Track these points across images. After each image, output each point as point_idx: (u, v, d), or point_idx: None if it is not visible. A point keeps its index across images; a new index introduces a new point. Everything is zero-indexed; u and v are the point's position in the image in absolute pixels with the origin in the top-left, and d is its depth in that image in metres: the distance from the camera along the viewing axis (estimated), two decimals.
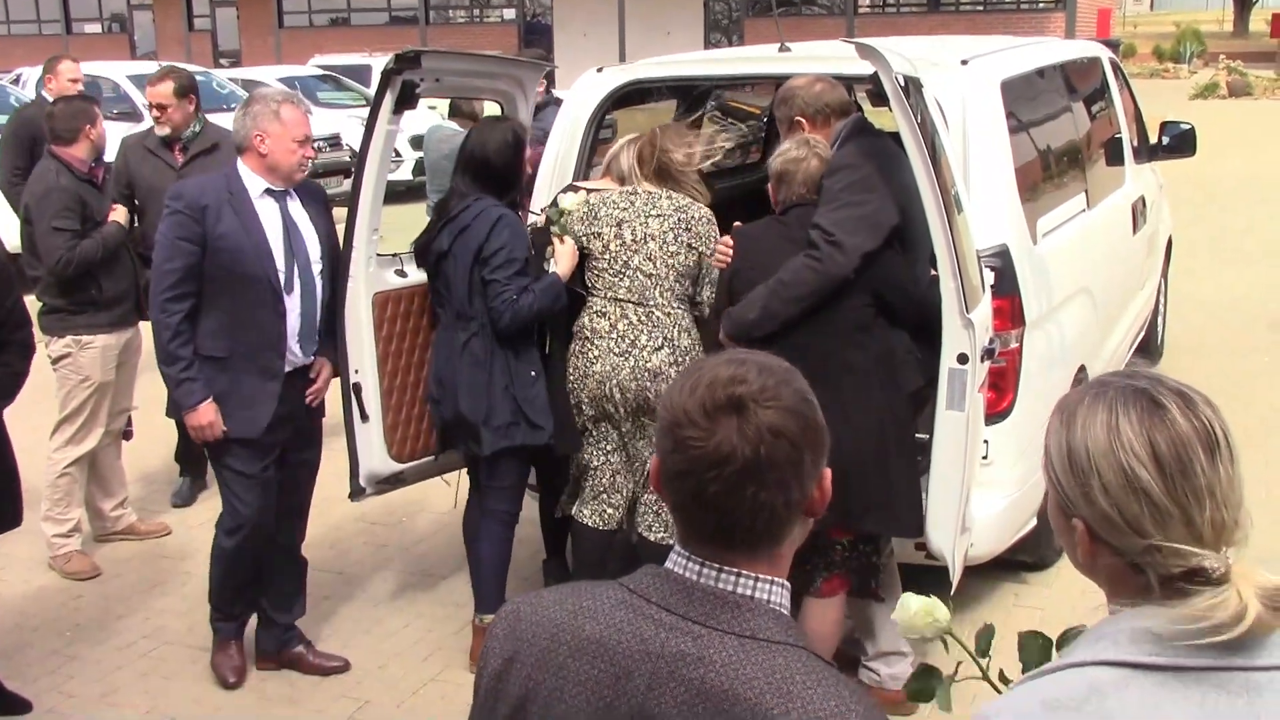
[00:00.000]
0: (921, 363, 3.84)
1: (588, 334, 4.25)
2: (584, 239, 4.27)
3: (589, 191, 4.45)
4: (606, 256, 4.23)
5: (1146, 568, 1.37)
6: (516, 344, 4.24)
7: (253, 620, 4.48)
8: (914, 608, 1.80)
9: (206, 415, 4.07)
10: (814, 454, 1.44)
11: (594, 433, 4.32)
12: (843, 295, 3.73)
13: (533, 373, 4.27)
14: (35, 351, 4.17)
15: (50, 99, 7.15)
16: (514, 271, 4.16)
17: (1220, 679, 1.32)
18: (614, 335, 4.20)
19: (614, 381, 4.18)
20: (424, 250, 4.34)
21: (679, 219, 4.22)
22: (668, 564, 1.47)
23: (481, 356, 4.22)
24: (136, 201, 5.61)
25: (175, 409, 4.22)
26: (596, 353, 4.21)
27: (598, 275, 4.26)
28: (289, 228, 4.15)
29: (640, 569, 1.51)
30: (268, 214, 4.12)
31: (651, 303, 4.20)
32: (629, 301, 4.21)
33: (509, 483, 4.39)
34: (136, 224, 5.61)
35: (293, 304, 4.14)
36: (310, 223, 4.22)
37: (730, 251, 4.08)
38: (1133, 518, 1.37)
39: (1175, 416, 1.37)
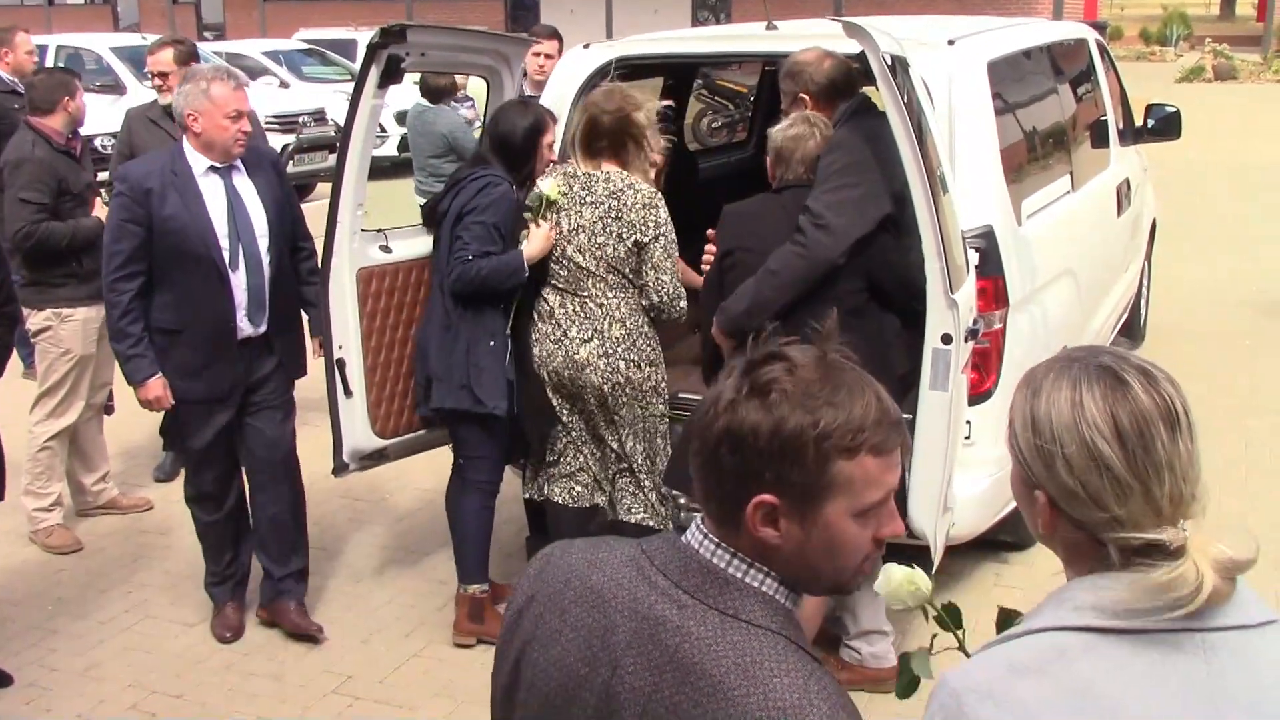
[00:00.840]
0: (910, 347, 3.84)
1: (535, 317, 4.26)
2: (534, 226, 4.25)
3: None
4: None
5: (1106, 539, 1.42)
6: (480, 310, 4.22)
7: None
8: (897, 578, 1.82)
9: (154, 390, 4.22)
10: (765, 468, 1.39)
11: (555, 412, 4.32)
12: (835, 279, 3.72)
13: (491, 342, 4.24)
14: (22, 324, 4.22)
15: (5, 76, 7.08)
16: (479, 234, 4.15)
17: (1178, 640, 1.38)
18: (552, 322, 4.20)
19: (549, 367, 4.20)
20: (433, 212, 4.40)
21: (610, 207, 4.09)
22: (685, 534, 1.50)
23: (451, 316, 4.24)
24: None
25: (126, 378, 4.34)
26: (537, 336, 4.23)
27: (542, 262, 4.23)
28: (233, 204, 4.19)
29: (660, 535, 1.55)
30: (211, 192, 4.17)
31: (585, 293, 4.15)
32: (565, 291, 4.19)
33: (480, 452, 4.39)
34: None
35: (239, 279, 4.20)
36: (256, 196, 4.25)
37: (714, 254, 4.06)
38: (1094, 491, 1.41)
39: (1138, 392, 1.41)
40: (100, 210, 5.22)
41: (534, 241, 4.18)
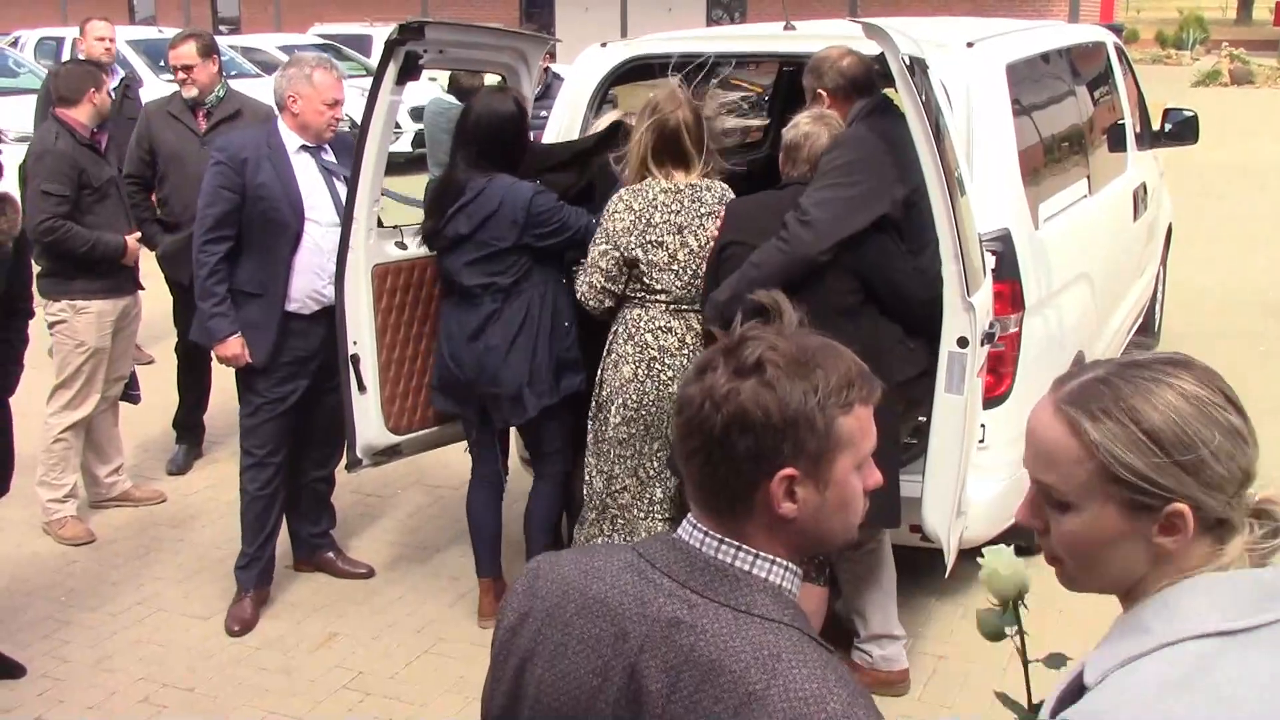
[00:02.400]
0: (914, 354, 3.80)
1: (655, 352, 4.01)
2: (639, 250, 3.99)
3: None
4: (675, 266, 3.98)
5: (1233, 517, 1.38)
6: (556, 300, 4.27)
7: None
8: (1001, 566, 1.77)
9: (233, 347, 4.45)
10: (782, 442, 1.42)
11: (629, 454, 4.11)
12: (824, 278, 3.67)
13: (566, 323, 4.29)
14: (33, 316, 4.27)
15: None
16: (574, 229, 4.21)
17: None
18: (684, 352, 4.01)
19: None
20: (436, 235, 4.30)
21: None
22: (678, 532, 1.51)
23: (519, 320, 4.22)
24: (158, 167, 5.63)
25: (204, 335, 4.54)
26: (670, 374, 3.99)
27: (661, 286, 4.01)
28: (328, 179, 4.48)
29: (652, 536, 1.55)
30: (304, 168, 4.44)
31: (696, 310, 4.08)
32: (691, 310, 4.04)
33: (559, 445, 4.43)
34: (156, 189, 5.72)
35: (329, 248, 4.40)
36: (343, 177, 4.49)
37: None
38: (1243, 465, 1.38)
39: (1200, 364, 1.41)
40: (133, 240, 5.25)
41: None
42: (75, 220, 5.07)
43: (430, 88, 10.37)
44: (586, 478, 4.21)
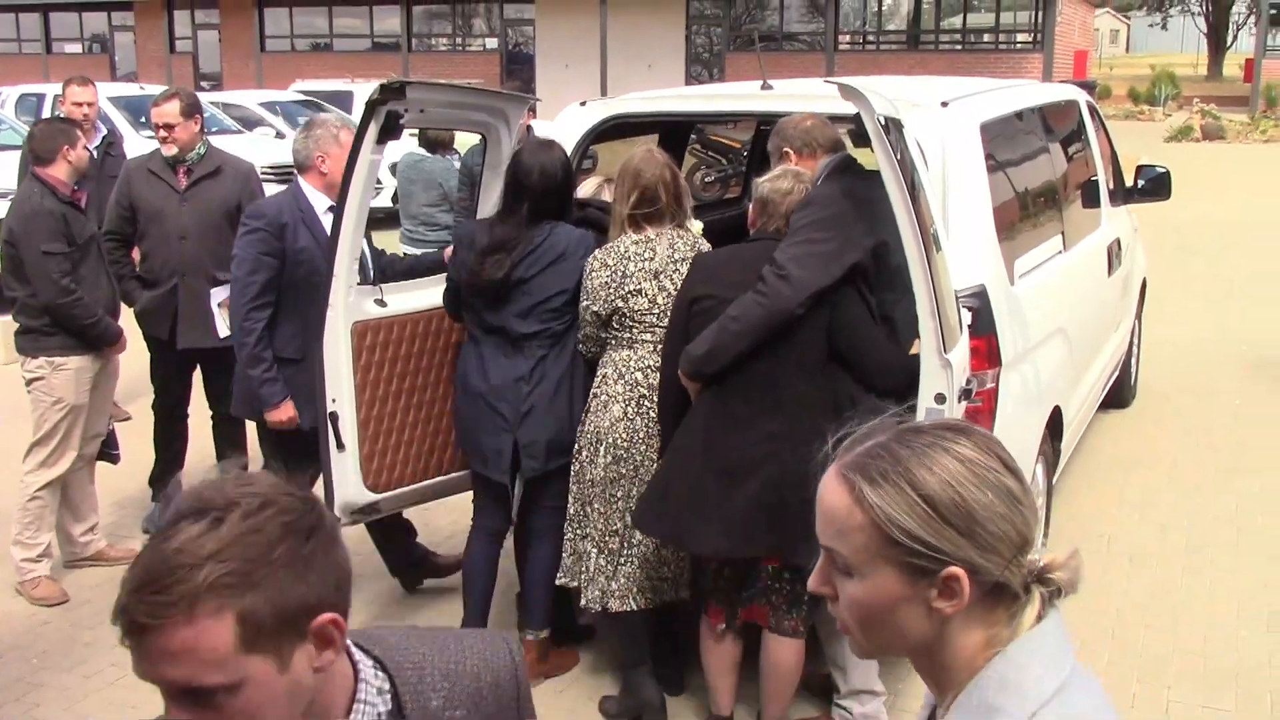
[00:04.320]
0: (883, 406, 3.83)
1: (644, 390, 4.08)
2: (619, 300, 4.10)
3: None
4: (655, 311, 4.09)
5: (1010, 580, 1.37)
6: (572, 352, 4.31)
7: None
8: None
9: (286, 412, 4.62)
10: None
11: (619, 494, 4.12)
12: (798, 329, 3.74)
13: (579, 374, 4.33)
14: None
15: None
16: None
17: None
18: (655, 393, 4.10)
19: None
20: (499, 283, 4.25)
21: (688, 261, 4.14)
22: None
23: (563, 368, 4.28)
24: (138, 224, 5.63)
25: (254, 402, 4.62)
26: (658, 413, 4.07)
27: (646, 328, 4.10)
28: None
29: None
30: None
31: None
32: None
33: (564, 500, 4.37)
34: (136, 245, 5.72)
35: None
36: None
37: None
38: (1018, 527, 1.37)
39: (979, 430, 1.42)
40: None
41: None
42: None
43: (409, 142, 10.43)
44: (569, 516, 4.26)
